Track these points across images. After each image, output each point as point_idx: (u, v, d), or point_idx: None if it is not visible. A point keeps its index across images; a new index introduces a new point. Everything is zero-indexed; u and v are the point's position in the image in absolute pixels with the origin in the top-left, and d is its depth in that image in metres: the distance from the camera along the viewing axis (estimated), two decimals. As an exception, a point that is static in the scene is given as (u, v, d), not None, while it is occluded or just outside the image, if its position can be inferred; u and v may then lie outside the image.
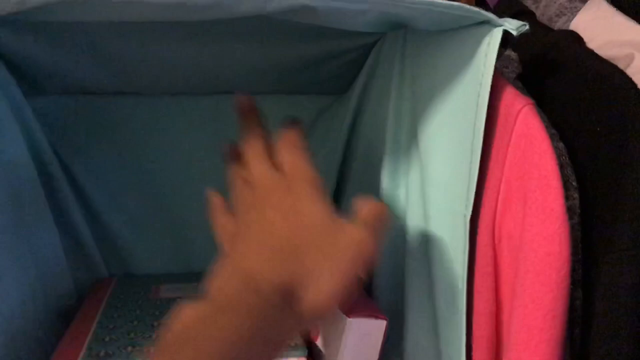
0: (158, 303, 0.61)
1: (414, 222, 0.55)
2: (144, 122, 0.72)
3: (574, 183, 0.44)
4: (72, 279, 0.67)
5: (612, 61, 0.47)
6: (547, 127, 0.43)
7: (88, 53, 0.60)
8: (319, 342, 0.56)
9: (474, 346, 0.47)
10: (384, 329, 0.52)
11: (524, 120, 0.42)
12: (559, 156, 0.43)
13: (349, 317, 0.51)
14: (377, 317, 0.52)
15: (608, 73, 0.44)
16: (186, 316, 0.35)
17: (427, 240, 0.52)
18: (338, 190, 0.74)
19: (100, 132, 0.71)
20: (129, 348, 0.51)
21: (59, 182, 0.67)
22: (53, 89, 0.67)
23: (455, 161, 0.47)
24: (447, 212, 0.48)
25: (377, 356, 0.53)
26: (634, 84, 0.42)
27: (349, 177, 0.71)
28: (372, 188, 0.62)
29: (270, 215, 0.41)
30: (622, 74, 0.43)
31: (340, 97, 0.75)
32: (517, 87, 0.46)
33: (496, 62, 0.47)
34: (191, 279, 0.70)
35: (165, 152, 0.74)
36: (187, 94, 0.73)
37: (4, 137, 0.56)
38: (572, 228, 0.42)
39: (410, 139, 0.56)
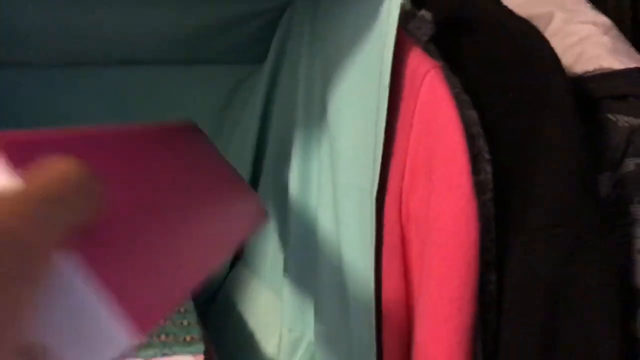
0: None
1: (325, 198, 0.50)
2: (36, 97, 0.65)
3: (487, 155, 0.39)
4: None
5: (531, 20, 0.43)
6: (458, 94, 0.39)
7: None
8: None
9: (384, 329, 0.43)
10: None
11: (429, 86, 0.38)
12: (469, 126, 0.38)
13: None
14: None
15: (524, 33, 0.40)
16: None
17: (336, 218, 0.47)
18: (255, 167, 0.68)
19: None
20: None
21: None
22: None
23: (361, 133, 0.42)
24: (354, 188, 0.44)
25: None
26: (550, 48, 0.38)
27: (265, 152, 0.66)
28: (285, 164, 0.58)
29: None
30: (539, 35, 0.39)
31: (258, 67, 0.70)
32: (427, 50, 0.42)
33: (409, 24, 0.43)
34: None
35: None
36: (86, 64, 0.66)
37: None
38: (484, 204, 0.38)
39: (321, 110, 0.51)
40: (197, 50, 0.66)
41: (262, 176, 0.67)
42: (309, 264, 0.54)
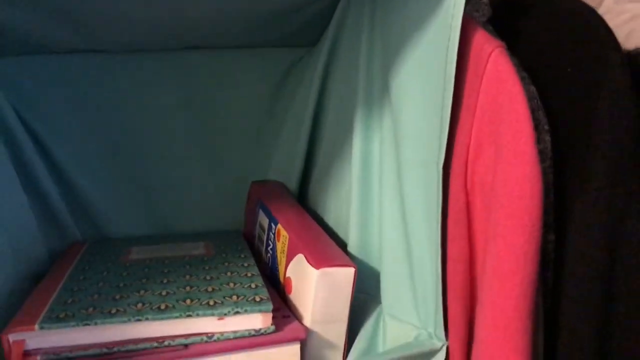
0: (127, 265, 0.61)
1: (388, 173, 0.55)
2: (110, 81, 0.70)
3: (546, 126, 0.43)
4: (45, 245, 0.66)
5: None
6: (517, 70, 0.43)
7: (47, 10, 0.57)
8: (292, 295, 0.56)
9: (449, 291, 0.47)
10: (352, 276, 0.52)
11: (494, 63, 0.42)
12: (530, 99, 0.42)
13: (317, 268, 0.51)
14: (345, 266, 0.52)
15: (579, 12, 0.44)
16: None
17: (401, 191, 0.52)
18: (310, 144, 0.73)
19: (64, 92, 0.69)
20: (90, 309, 0.50)
21: (24, 146, 0.65)
22: (12, 49, 0.65)
23: (427, 109, 0.46)
24: (420, 161, 0.48)
25: (348, 304, 0.53)
26: (605, 23, 0.41)
27: (321, 131, 0.70)
28: (345, 142, 0.62)
29: None
30: (594, 13, 0.43)
31: (312, 49, 0.74)
32: (487, 31, 0.45)
33: (466, 6, 0.46)
34: (165, 240, 0.69)
35: (133, 111, 0.72)
36: (153, 50, 0.71)
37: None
38: (544, 171, 0.42)
39: (383, 90, 0.55)
40: (257, 35, 0.70)
41: (316, 154, 0.71)
42: (371, 236, 0.59)
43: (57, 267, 0.61)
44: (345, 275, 0.52)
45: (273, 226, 0.63)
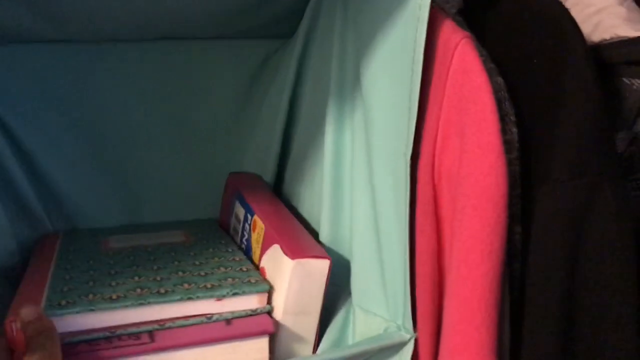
0: (111, 254, 0.60)
1: (359, 165, 0.54)
2: (85, 71, 0.69)
3: (513, 117, 0.44)
4: (14, 236, 0.65)
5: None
6: (485, 61, 0.43)
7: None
8: None
9: (418, 283, 0.47)
10: (327, 269, 0.52)
11: (461, 54, 0.42)
12: (497, 91, 0.42)
13: (292, 258, 0.51)
14: (320, 257, 0.52)
15: (545, 5, 0.44)
16: None
17: (372, 183, 0.51)
18: (285, 136, 0.72)
19: (36, 82, 0.68)
20: (90, 296, 0.49)
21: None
22: (-20, 38, 0.64)
23: (395, 101, 0.46)
24: (389, 152, 0.48)
25: (321, 296, 0.53)
26: (569, 15, 0.42)
27: (296, 123, 0.70)
28: (318, 134, 0.62)
29: None
30: (559, 5, 0.43)
31: (287, 41, 0.73)
32: (456, 22, 0.45)
33: (437, -1, 0.46)
34: (140, 230, 0.69)
35: (106, 102, 0.71)
36: (127, 40, 0.70)
37: None
38: (511, 162, 0.42)
39: (355, 82, 0.55)
40: (231, 26, 0.70)
41: (291, 146, 0.71)
42: (343, 228, 0.59)
43: (37, 258, 0.60)
44: (320, 267, 0.52)
45: (249, 217, 0.63)
